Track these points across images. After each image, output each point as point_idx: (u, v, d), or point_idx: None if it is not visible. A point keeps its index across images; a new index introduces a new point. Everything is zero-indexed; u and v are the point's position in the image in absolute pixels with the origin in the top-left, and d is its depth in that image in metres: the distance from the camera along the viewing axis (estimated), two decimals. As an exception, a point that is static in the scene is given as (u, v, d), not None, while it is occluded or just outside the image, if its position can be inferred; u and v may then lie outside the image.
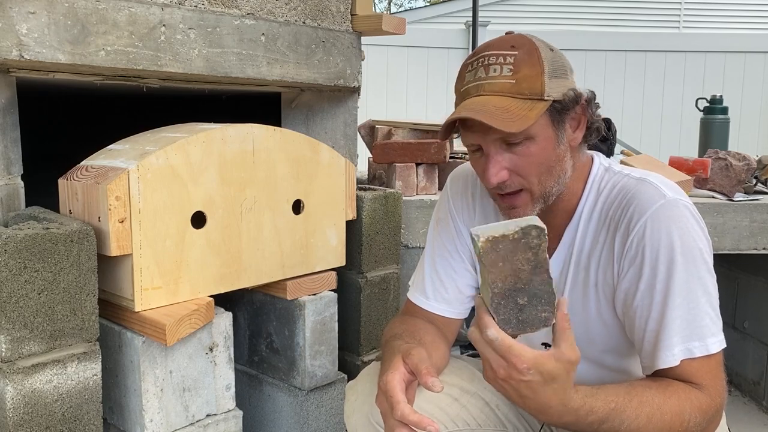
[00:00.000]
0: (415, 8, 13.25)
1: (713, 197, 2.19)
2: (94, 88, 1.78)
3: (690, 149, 3.87)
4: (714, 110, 3.22)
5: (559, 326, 0.94)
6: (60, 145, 2.54)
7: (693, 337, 1.05)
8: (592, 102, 1.16)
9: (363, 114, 2.17)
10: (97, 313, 1.25)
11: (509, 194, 1.14)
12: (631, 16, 8.45)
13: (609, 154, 2.24)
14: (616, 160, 1.72)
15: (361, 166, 2.18)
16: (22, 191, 1.41)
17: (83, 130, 2.84)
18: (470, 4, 6.63)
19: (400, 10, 18.70)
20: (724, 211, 2.09)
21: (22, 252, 1.14)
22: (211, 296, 1.44)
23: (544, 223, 1.21)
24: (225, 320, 1.44)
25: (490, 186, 1.13)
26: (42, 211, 1.36)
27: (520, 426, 1.32)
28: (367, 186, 2.05)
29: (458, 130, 1.16)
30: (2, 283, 1.12)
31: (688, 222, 1.07)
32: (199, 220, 1.41)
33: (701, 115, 3.27)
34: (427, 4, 16.04)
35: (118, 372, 1.36)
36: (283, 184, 1.58)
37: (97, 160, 1.39)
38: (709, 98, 3.28)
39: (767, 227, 2.09)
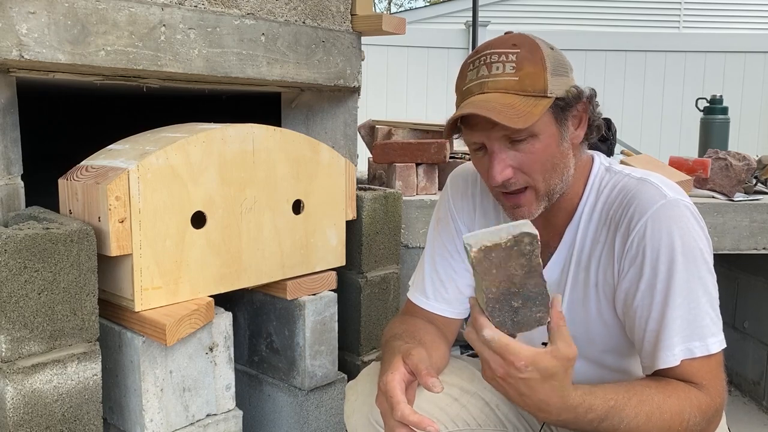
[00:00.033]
0: (415, 8, 13.25)
1: (713, 197, 2.19)
2: (94, 88, 1.78)
3: (690, 149, 3.87)
4: (714, 110, 3.22)
5: (554, 324, 0.94)
6: (60, 145, 2.54)
7: (693, 337, 1.05)
8: (593, 100, 1.16)
9: (363, 114, 2.17)
10: (97, 313, 1.25)
11: (513, 193, 1.14)
12: (631, 16, 8.45)
13: (609, 154, 2.24)
14: (616, 160, 1.71)
15: (361, 166, 2.18)
16: (22, 191, 1.41)
17: (83, 130, 2.83)
18: (470, 4, 6.63)
19: (400, 10, 18.71)
20: (724, 211, 2.09)
21: (22, 252, 1.14)
22: (211, 296, 1.44)
23: (546, 222, 1.22)
24: (225, 320, 1.44)
25: (495, 184, 1.12)
26: (42, 211, 1.36)
27: (520, 426, 1.31)
28: (367, 186, 2.05)
29: (460, 129, 1.15)
30: (2, 283, 1.12)
31: (688, 222, 1.07)
32: (199, 220, 1.41)
33: (701, 115, 3.27)
34: (427, 4, 16.04)
35: (118, 372, 1.36)
36: (283, 184, 1.58)
37: (97, 160, 1.39)
38: (709, 98, 3.28)
39: (767, 227, 2.09)
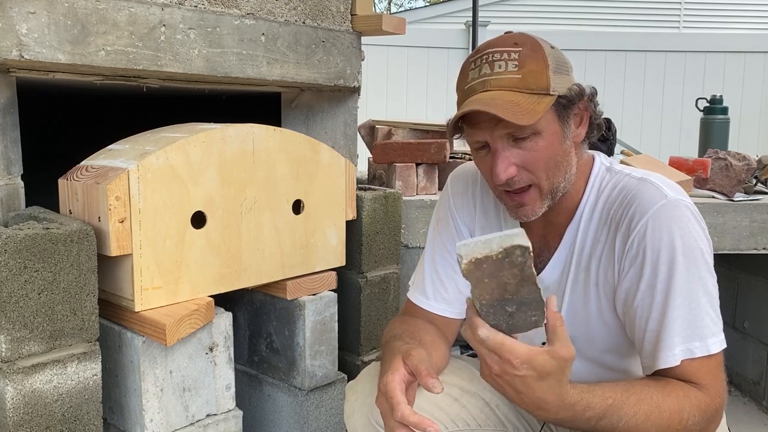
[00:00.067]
0: (415, 8, 13.25)
1: (713, 197, 2.19)
2: (94, 88, 1.78)
3: (690, 149, 3.87)
4: (714, 110, 3.22)
5: (551, 325, 0.93)
6: (60, 145, 2.54)
7: (694, 337, 1.05)
8: (594, 98, 1.16)
9: (363, 114, 2.17)
10: (97, 313, 1.25)
11: (517, 192, 1.14)
12: (631, 16, 8.45)
13: (609, 154, 2.24)
14: (616, 160, 1.71)
15: (361, 166, 2.18)
16: (22, 191, 1.41)
17: (83, 130, 2.83)
18: (470, 4, 6.63)
19: (400, 10, 18.71)
20: (724, 211, 2.09)
21: (22, 252, 1.14)
22: (211, 296, 1.43)
23: (547, 222, 1.22)
24: (225, 320, 1.44)
25: (499, 182, 1.12)
26: (42, 211, 1.36)
27: (520, 426, 1.31)
28: (367, 186, 2.05)
29: (461, 129, 1.15)
30: (2, 283, 1.12)
31: (689, 222, 1.07)
32: (199, 220, 1.41)
33: (701, 115, 3.27)
34: (427, 4, 16.04)
35: (118, 372, 1.36)
36: (283, 184, 1.58)
37: (97, 160, 1.39)
38: (709, 98, 3.28)
39: (767, 227, 2.09)
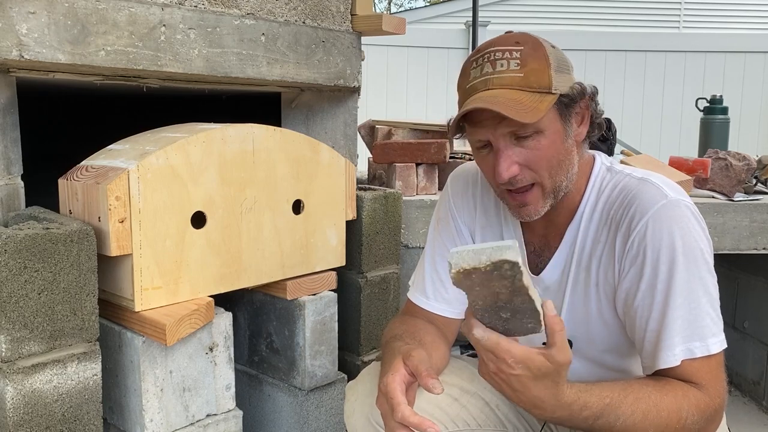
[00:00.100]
0: (415, 8, 13.25)
1: (713, 197, 2.19)
2: (94, 88, 1.78)
3: (690, 149, 3.87)
4: (714, 110, 3.22)
5: (550, 329, 0.93)
6: (60, 145, 2.54)
7: (694, 337, 1.05)
8: (595, 97, 1.17)
9: (363, 114, 2.17)
10: (97, 313, 1.25)
11: (519, 191, 1.14)
12: (631, 16, 8.45)
13: (609, 153, 2.24)
14: (616, 160, 1.71)
15: (361, 166, 2.18)
16: (22, 191, 1.40)
17: (83, 130, 2.83)
18: (470, 4, 6.63)
19: (400, 10, 18.71)
20: (724, 211, 2.09)
21: (22, 252, 1.14)
22: (211, 296, 1.43)
23: (548, 221, 1.22)
24: (225, 320, 1.44)
25: (501, 181, 1.11)
26: (42, 211, 1.36)
27: (521, 426, 1.31)
28: (367, 186, 2.05)
29: (463, 129, 1.15)
30: (2, 283, 1.12)
31: (689, 222, 1.07)
32: (199, 220, 1.41)
33: (701, 115, 3.27)
34: (427, 4, 16.04)
35: (118, 372, 1.36)
36: (283, 184, 1.58)
37: (97, 160, 1.39)
38: (709, 98, 3.28)
39: (767, 227, 2.09)
